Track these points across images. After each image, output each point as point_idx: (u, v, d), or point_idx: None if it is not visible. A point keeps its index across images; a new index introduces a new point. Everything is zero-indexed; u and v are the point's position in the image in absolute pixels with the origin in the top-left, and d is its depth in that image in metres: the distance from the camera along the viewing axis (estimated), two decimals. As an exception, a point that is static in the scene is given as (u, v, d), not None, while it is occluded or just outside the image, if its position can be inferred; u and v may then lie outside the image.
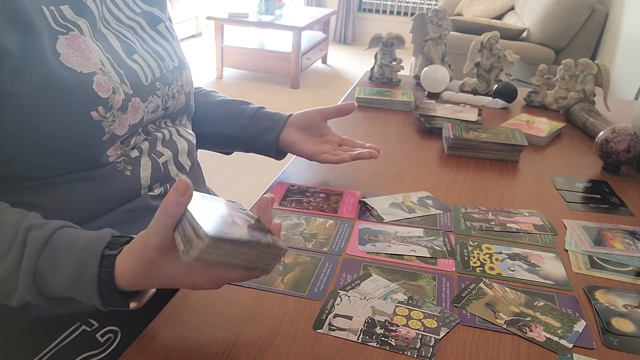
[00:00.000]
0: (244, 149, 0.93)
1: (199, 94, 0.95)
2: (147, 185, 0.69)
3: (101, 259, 0.50)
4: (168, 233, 0.47)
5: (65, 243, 0.52)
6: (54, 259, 0.51)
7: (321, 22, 4.73)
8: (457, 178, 0.94)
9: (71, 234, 0.53)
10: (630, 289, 0.66)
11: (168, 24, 0.78)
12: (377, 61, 1.48)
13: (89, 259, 0.50)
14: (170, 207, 0.46)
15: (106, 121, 0.61)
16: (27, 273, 0.51)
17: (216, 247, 0.44)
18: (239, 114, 0.90)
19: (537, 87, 1.36)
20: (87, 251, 0.50)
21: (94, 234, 0.53)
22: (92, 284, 0.50)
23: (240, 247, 0.46)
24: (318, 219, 0.77)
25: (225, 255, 0.45)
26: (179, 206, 0.46)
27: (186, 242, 0.45)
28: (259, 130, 0.88)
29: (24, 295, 0.52)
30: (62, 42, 0.58)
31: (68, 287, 0.51)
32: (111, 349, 0.65)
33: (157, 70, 0.71)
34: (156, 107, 0.71)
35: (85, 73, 0.59)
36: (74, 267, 0.50)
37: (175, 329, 0.55)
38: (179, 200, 0.45)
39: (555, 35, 3.42)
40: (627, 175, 1.00)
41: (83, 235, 0.53)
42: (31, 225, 0.53)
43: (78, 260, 0.50)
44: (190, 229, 0.45)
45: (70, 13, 0.61)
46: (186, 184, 0.45)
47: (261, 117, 0.89)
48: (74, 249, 0.51)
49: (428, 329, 0.56)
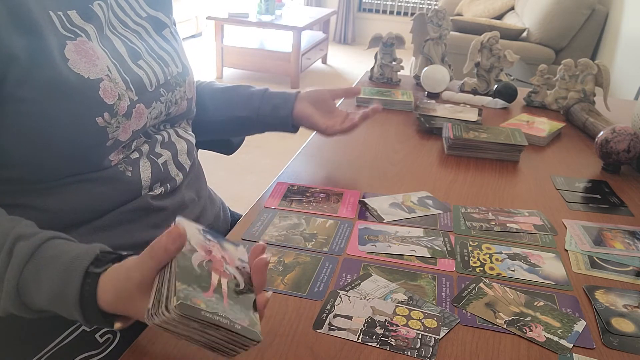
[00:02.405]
0: (260, 129, 0.94)
1: (200, 86, 0.95)
2: (147, 186, 0.69)
3: (84, 276, 0.48)
4: (150, 274, 0.45)
5: (51, 256, 0.50)
6: (38, 273, 0.49)
7: (321, 22, 4.73)
8: (457, 178, 0.94)
9: (58, 247, 0.51)
10: (630, 289, 0.66)
11: (173, 29, 0.78)
12: (377, 61, 1.48)
13: (72, 275, 0.48)
14: (158, 251, 0.44)
15: (110, 127, 0.61)
16: (11, 284, 0.49)
17: (181, 323, 0.42)
18: (249, 96, 0.92)
19: (537, 87, 1.36)
20: (71, 266, 0.49)
21: (81, 248, 0.51)
22: (74, 301, 0.48)
23: (207, 328, 0.43)
24: (318, 219, 0.77)
25: (190, 331, 0.43)
26: (166, 253, 0.44)
27: (155, 302, 0.42)
28: (271, 108, 0.90)
29: (6, 306, 0.51)
30: (70, 48, 0.58)
31: (50, 301, 0.49)
32: (110, 349, 0.65)
33: (162, 76, 0.71)
34: (159, 112, 0.71)
35: (92, 79, 0.59)
36: (57, 282, 0.48)
37: (175, 329, 0.55)
38: (168, 247, 0.44)
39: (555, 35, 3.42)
40: (627, 175, 1.00)
41: (70, 248, 0.51)
42: (20, 235, 0.51)
43: (62, 275, 0.49)
44: (166, 289, 0.42)
45: (77, 18, 0.61)
46: (178, 233, 0.44)
47: (271, 96, 0.91)
48: (59, 263, 0.49)
49: (428, 329, 0.56)
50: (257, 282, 0.50)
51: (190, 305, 0.41)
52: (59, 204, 0.62)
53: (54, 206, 0.62)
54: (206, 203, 0.82)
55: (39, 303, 0.50)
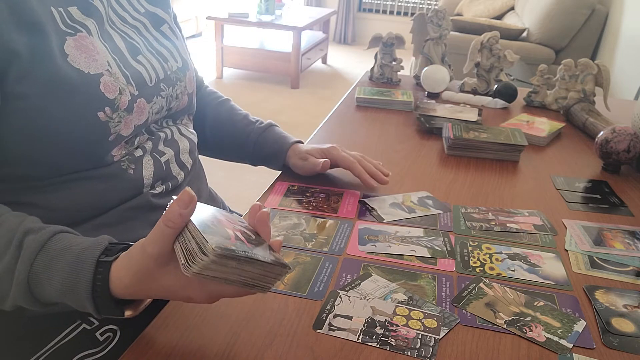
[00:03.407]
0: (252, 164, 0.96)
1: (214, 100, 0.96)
2: (149, 184, 0.69)
3: (96, 265, 0.49)
4: (168, 244, 0.45)
5: (61, 248, 0.51)
6: (48, 264, 0.50)
7: (321, 22, 4.73)
8: (457, 178, 0.94)
9: (68, 239, 0.52)
10: (630, 289, 0.66)
11: (172, 25, 0.79)
12: (377, 61, 1.48)
13: (84, 265, 0.49)
14: (173, 218, 0.45)
15: (112, 122, 0.61)
16: (22, 277, 0.50)
17: (220, 264, 0.43)
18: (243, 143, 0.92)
19: (537, 87, 1.36)
20: (82, 257, 0.49)
21: (90, 240, 0.52)
22: (86, 291, 0.48)
23: (244, 264, 0.45)
24: (318, 219, 0.77)
25: (228, 272, 0.44)
26: (181, 218, 0.45)
27: (188, 256, 0.44)
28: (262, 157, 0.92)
29: (17, 299, 0.51)
30: (70, 43, 0.59)
31: (62, 292, 0.50)
32: (110, 347, 0.65)
33: (161, 72, 0.71)
34: (160, 107, 0.71)
35: (93, 74, 0.59)
36: (68, 273, 0.49)
37: (175, 329, 0.55)
38: (182, 212, 0.44)
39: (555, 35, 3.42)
40: (627, 175, 1.00)
41: (80, 240, 0.52)
42: (29, 229, 0.52)
43: (73, 265, 0.49)
44: (194, 242, 0.44)
45: (78, 14, 0.61)
46: (190, 196, 0.45)
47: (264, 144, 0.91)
48: (69, 254, 0.50)
49: (428, 329, 0.56)
50: (264, 234, 0.52)
51: (224, 245, 0.43)
52: (61, 202, 0.62)
53: (56, 203, 0.62)
54: (207, 202, 0.82)
55: (50, 295, 0.51)
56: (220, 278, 0.45)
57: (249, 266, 0.45)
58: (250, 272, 0.46)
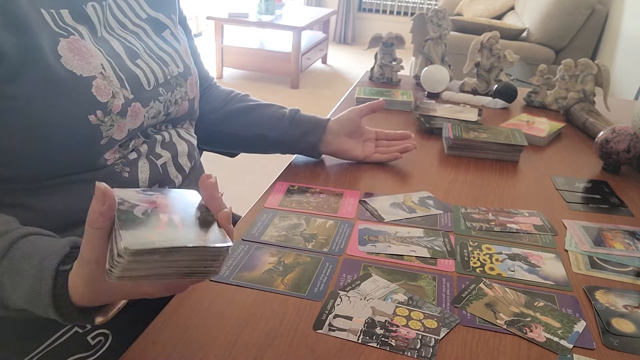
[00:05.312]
0: (285, 151, 0.95)
1: (234, 98, 0.96)
2: (144, 187, 0.69)
3: (55, 275, 0.47)
4: (101, 246, 0.42)
5: (23, 255, 0.49)
6: (12, 272, 0.48)
7: (321, 22, 4.73)
8: (457, 178, 0.94)
9: (31, 244, 0.50)
10: (630, 289, 0.66)
11: (174, 30, 0.78)
12: (377, 61, 1.48)
13: (43, 275, 0.47)
14: (94, 218, 0.41)
15: (104, 125, 0.61)
16: None
17: (141, 262, 0.39)
18: (279, 118, 0.93)
19: (537, 87, 1.35)
20: (42, 265, 0.48)
21: (53, 245, 0.49)
22: (48, 301, 0.47)
23: (169, 255, 0.40)
24: (318, 219, 0.77)
25: (155, 267, 0.40)
26: (102, 216, 0.41)
27: (110, 259, 0.40)
28: (300, 132, 0.92)
29: None
30: (64, 45, 0.58)
31: (27, 301, 0.48)
32: (102, 351, 0.64)
33: (161, 76, 0.71)
34: (157, 112, 0.70)
35: (85, 77, 0.59)
36: (31, 283, 0.47)
37: (175, 329, 0.55)
38: (101, 210, 0.41)
39: (555, 35, 3.42)
40: (627, 175, 1.00)
41: (42, 245, 0.50)
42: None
43: (34, 275, 0.47)
44: (115, 243, 0.40)
45: (69, 18, 0.61)
46: (101, 191, 0.41)
47: (301, 120, 0.92)
48: (28, 265, 0.48)
49: (428, 329, 0.56)
50: (212, 206, 0.47)
51: (139, 242, 0.39)
52: (55, 204, 0.62)
53: (50, 206, 0.61)
54: None
55: (16, 302, 0.49)
56: (151, 275, 0.41)
57: (177, 255, 0.40)
58: (182, 261, 0.41)
